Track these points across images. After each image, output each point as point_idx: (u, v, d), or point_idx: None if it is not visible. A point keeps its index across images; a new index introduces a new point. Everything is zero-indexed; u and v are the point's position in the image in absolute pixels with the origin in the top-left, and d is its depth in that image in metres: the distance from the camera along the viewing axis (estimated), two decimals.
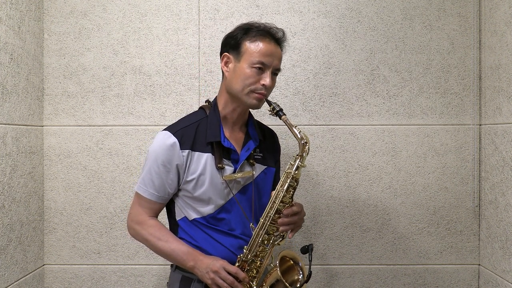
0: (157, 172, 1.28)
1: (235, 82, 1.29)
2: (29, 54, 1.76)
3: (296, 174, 1.27)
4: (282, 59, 1.35)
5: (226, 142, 1.31)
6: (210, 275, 1.20)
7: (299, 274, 1.31)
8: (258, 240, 1.27)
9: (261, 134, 1.44)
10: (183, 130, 1.30)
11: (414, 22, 1.87)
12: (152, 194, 1.30)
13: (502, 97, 1.69)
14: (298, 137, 1.27)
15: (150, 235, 1.30)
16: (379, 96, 1.87)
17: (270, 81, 1.28)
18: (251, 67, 1.26)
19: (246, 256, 1.27)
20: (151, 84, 1.87)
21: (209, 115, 1.34)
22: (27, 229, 1.74)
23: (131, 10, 1.87)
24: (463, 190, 1.87)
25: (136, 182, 1.35)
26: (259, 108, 1.35)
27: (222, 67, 1.34)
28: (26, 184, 1.74)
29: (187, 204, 1.33)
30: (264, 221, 1.27)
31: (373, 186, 1.88)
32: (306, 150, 1.26)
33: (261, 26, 1.31)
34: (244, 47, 1.28)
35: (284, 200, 1.27)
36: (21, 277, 1.71)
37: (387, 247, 1.88)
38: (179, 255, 1.26)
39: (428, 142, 1.87)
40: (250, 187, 1.37)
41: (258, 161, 1.40)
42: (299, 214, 1.28)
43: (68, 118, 1.87)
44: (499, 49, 1.72)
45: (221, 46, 1.37)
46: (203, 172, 1.29)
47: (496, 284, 1.74)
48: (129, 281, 1.87)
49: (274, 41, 1.31)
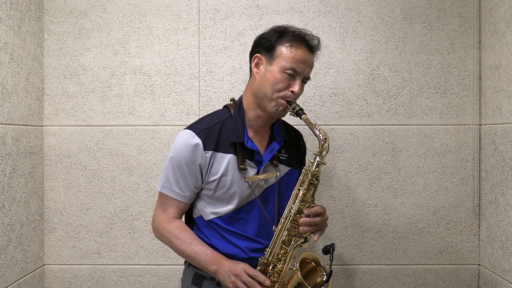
0: (181, 171, 1.27)
1: (264, 85, 1.26)
2: (29, 54, 1.76)
3: (317, 171, 1.24)
4: (313, 67, 1.33)
5: (249, 143, 1.30)
6: (231, 279, 1.18)
7: (322, 275, 1.27)
8: (279, 241, 1.24)
9: (286, 135, 1.42)
10: (207, 130, 1.28)
11: (414, 22, 1.87)
12: (177, 193, 1.29)
13: (502, 97, 1.69)
14: (318, 134, 1.25)
15: (174, 237, 1.28)
16: (379, 96, 1.87)
17: (299, 89, 1.26)
18: (282, 72, 1.24)
19: (267, 259, 1.24)
20: (151, 84, 1.87)
21: (234, 115, 1.32)
22: (27, 229, 1.74)
23: (131, 10, 1.87)
24: (463, 190, 1.87)
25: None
26: (282, 116, 1.33)
27: (252, 68, 1.32)
28: (26, 184, 1.74)
29: (206, 203, 1.32)
30: (285, 221, 1.24)
31: (373, 186, 1.88)
32: (326, 147, 1.24)
33: (297, 31, 1.29)
34: (278, 50, 1.26)
35: (305, 199, 1.24)
36: (21, 277, 1.71)
37: (387, 247, 1.88)
38: (202, 258, 1.25)
39: (428, 142, 1.87)
40: (273, 189, 1.35)
41: (283, 162, 1.38)
42: (321, 215, 1.24)
43: (68, 118, 1.87)
44: (499, 49, 1.72)
45: (252, 46, 1.35)
46: (225, 173, 1.27)
47: (496, 284, 1.74)
48: (129, 281, 1.87)
49: (309, 48, 1.29)
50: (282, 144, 1.37)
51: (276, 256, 1.24)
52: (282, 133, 1.40)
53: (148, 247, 1.86)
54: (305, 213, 1.22)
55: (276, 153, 1.35)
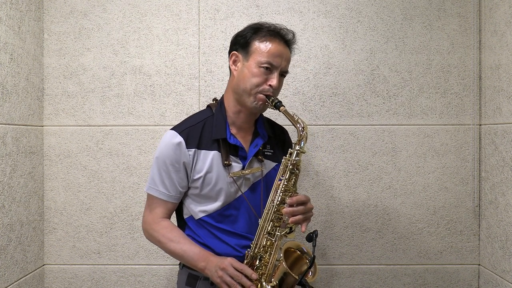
0: (167, 171, 1.28)
1: (242, 81, 1.28)
2: (29, 54, 1.76)
3: (297, 161, 1.25)
4: (290, 61, 1.33)
5: (232, 139, 1.31)
6: (218, 273, 1.19)
7: (308, 263, 1.28)
8: (264, 233, 1.25)
9: (271, 131, 1.43)
10: (189, 129, 1.30)
11: (414, 22, 1.87)
12: (163, 193, 1.30)
13: (502, 97, 1.69)
14: (296, 124, 1.25)
15: (162, 236, 1.30)
16: (379, 96, 1.87)
17: (277, 82, 1.27)
18: (259, 67, 1.25)
19: (253, 251, 1.25)
20: (151, 84, 1.87)
21: (215, 113, 1.34)
22: (27, 229, 1.74)
23: (131, 10, 1.87)
24: (463, 190, 1.87)
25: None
26: (263, 111, 1.34)
27: (230, 65, 1.34)
28: (26, 184, 1.74)
29: (194, 202, 1.33)
30: (268, 212, 1.25)
31: (373, 186, 1.88)
32: (304, 135, 1.24)
33: (272, 27, 1.30)
34: (253, 46, 1.28)
35: (287, 189, 1.25)
36: (21, 277, 1.71)
37: (387, 247, 1.88)
38: (190, 256, 1.26)
39: (428, 142, 1.87)
40: (260, 184, 1.36)
41: (269, 157, 1.39)
42: (304, 204, 1.23)
43: (68, 118, 1.87)
44: (499, 49, 1.72)
45: (230, 45, 1.37)
46: (210, 170, 1.28)
47: (496, 284, 1.74)
48: (129, 281, 1.87)
49: (284, 42, 1.30)
50: (267, 139, 1.38)
51: (262, 248, 1.25)
52: (266, 129, 1.41)
53: (148, 247, 1.86)
54: (288, 202, 1.22)
55: (261, 148, 1.36)
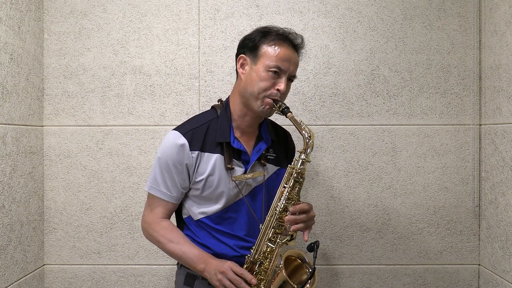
0: (169, 172, 1.28)
1: (250, 84, 1.27)
2: (29, 54, 1.76)
3: (302, 169, 1.25)
4: (298, 65, 1.33)
5: (236, 143, 1.30)
6: (218, 276, 1.19)
7: (308, 272, 1.28)
8: (265, 239, 1.25)
9: (274, 134, 1.43)
10: (194, 131, 1.29)
11: (414, 22, 1.87)
12: (165, 194, 1.30)
13: (502, 97, 1.69)
14: (302, 131, 1.25)
15: (162, 236, 1.29)
16: (379, 96, 1.87)
17: (285, 87, 1.26)
18: (267, 71, 1.25)
19: (253, 257, 1.25)
20: (151, 84, 1.87)
21: (220, 116, 1.34)
22: (27, 229, 1.74)
23: (131, 10, 1.87)
24: (463, 190, 1.87)
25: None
26: (269, 116, 1.34)
27: (238, 68, 1.33)
28: (26, 184, 1.74)
29: (194, 203, 1.33)
30: (271, 219, 1.25)
31: (373, 186, 1.88)
32: (310, 144, 1.24)
33: (280, 31, 1.30)
34: (262, 50, 1.27)
35: (290, 196, 1.25)
36: (21, 277, 1.71)
37: (387, 247, 1.88)
38: (189, 257, 1.26)
39: (428, 142, 1.87)
40: (261, 188, 1.35)
41: (271, 161, 1.38)
42: (307, 213, 1.24)
43: (68, 118, 1.87)
44: (499, 49, 1.72)
45: (237, 48, 1.36)
46: (212, 173, 1.28)
47: (496, 284, 1.74)
48: (129, 281, 1.87)
49: (292, 46, 1.30)
50: (270, 143, 1.38)
51: (262, 254, 1.25)
52: (270, 133, 1.40)
53: (148, 247, 1.86)
54: (290, 210, 1.23)
55: (263, 153, 1.36)
